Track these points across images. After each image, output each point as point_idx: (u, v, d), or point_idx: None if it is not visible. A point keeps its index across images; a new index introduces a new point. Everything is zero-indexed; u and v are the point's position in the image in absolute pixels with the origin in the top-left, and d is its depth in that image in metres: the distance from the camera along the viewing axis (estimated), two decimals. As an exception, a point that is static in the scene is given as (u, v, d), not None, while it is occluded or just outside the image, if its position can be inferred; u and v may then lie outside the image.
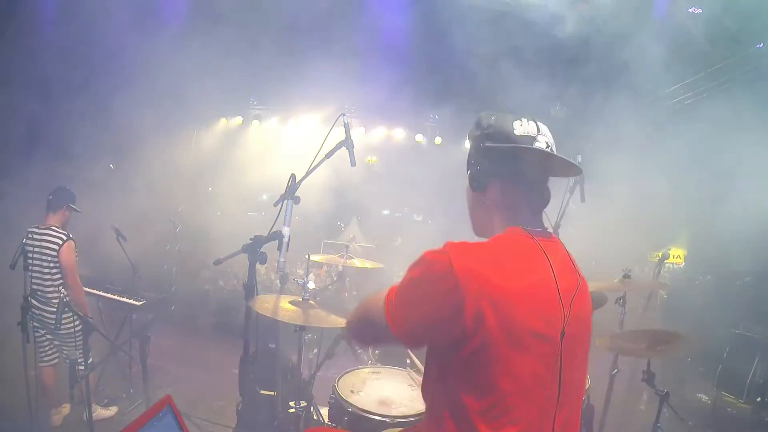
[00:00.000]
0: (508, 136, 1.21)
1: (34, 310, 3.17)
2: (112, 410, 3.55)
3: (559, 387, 1.12)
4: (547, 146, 1.21)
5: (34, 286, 3.22)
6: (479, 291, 1.03)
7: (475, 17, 6.18)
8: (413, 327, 1.13)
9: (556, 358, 1.11)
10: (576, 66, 6.91)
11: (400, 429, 1.58)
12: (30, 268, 3.21)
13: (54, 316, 3.11)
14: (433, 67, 7.27)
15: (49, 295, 3.23)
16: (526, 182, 1.22)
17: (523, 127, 1.22)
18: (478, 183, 1.25)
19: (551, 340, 1.11)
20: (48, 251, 3.24)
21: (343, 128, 2.10)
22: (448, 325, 1.06)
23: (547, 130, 1.25)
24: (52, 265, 3.25)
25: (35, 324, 3.21)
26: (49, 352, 3.31)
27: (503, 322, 1.04)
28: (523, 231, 1.18)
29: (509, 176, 1.22)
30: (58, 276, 3.27)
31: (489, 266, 1.07)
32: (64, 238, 3.30)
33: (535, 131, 1.22)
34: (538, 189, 1.25)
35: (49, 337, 3.27)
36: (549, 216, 1.30)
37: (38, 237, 3.27)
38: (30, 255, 3.22)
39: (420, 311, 1.11)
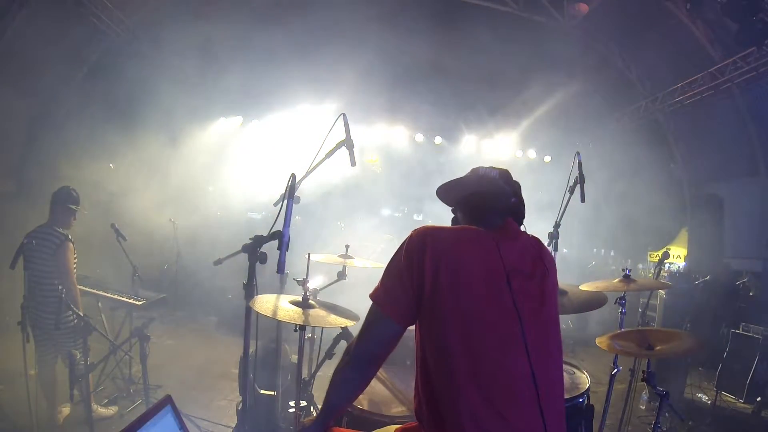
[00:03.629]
0: None
1: (31, 309, 3.16)
2: (112, 410, 3.55)
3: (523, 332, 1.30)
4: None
5: (32, 285, 3.22)
6: (436, 249, 1.31)
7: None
8: (396, 293, 1.35)
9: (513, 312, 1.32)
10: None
11: (398, 426, 1.58)
12: (29, 267, 3.22)
13: (51, 316, 3.12)
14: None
15: (47, 294, 3.22)
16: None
17: None
18: None
19: (502, 301, 1.32)
20: (47, 250, 3.24)
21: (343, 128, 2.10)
22: (415, 278, 1.32)
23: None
24: (50, 263, 3.25)
25: (32, 324, 3.20)
26: (47, 351, 3.30)
27: (455, 276, 1.29)
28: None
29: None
30: (52, 276, 3.27)
31: (446, 236, 1.37)
32: (63, 238, 3.30)
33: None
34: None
35: (46, 336, 3.26)
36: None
37: (39, 237, 3.27)
38: (30, 254, 3.23)
39: (397, 275, 1.36)
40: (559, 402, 1.35)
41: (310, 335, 2.98)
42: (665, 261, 4.42)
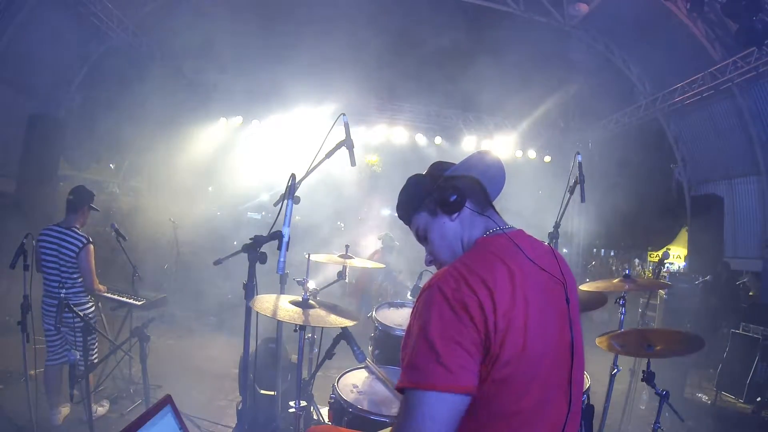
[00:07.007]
0: None
1: (49, 308, 3.18)
2: (105, 405, 3.54)
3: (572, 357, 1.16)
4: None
5: (47, 285, 3.22)
6: (488, 292, 1.03)
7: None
8: (460, 361, 1.00)
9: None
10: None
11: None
12: (46, 265, 3.22)
13: (68, 315, 3.10)
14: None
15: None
16: None
17: None
18: None
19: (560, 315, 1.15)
20: (67, 251, 3.24)
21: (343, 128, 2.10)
22: (480, 332, 1.02)
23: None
24: (69, 264, 3.25)
25: (48, 324, 3.21)
26: (59, 351, 3.30)
27: (511, 316, 1.04)
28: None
29: None
30: (74, 276, 3.28)
31: (486, 268, 1.09)
32: (84, 241, 3.30)
33: None
34: None
35: (58, 336, 3.27)
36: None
37: (56, 236, 3.26)
38: (45, 254, 3.22)
39: (451, 338, 1.01)
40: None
41: (310, 335, 2.98)
42: (665, 261, 4.42)
